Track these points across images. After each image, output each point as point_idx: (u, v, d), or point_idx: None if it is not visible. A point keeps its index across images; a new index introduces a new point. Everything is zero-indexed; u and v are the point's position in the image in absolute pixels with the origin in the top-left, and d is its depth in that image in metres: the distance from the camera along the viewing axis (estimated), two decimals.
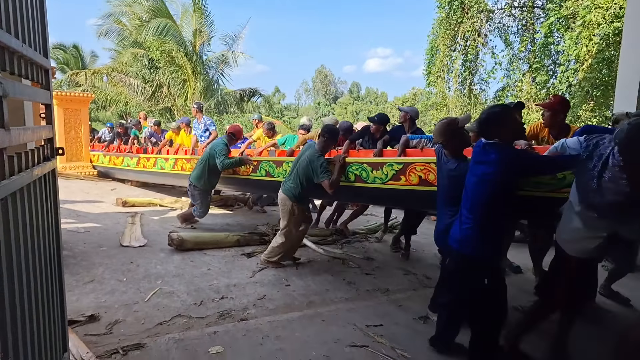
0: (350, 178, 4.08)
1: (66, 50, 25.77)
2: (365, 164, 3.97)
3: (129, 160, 8.64)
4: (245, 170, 5.47)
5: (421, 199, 3.72)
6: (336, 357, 2.75)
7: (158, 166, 7.58)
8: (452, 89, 17.11)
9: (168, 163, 7.33)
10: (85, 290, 3.64)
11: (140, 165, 8.18)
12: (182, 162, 6.98)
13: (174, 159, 7.21)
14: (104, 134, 11.64)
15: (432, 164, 3.49)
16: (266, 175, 5.19)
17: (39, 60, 1.58)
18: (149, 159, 7.95)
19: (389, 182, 3.81)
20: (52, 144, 1.84)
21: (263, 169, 5.22)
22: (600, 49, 11.00)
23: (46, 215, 1.75)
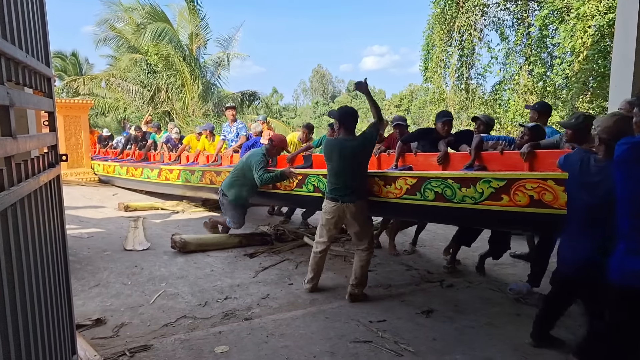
0: (428, 196, 3.43)
1: (64, 58, 25.84)
2: (451, 179, 3.31)
3: (149, 171, 8.01)
4: (288, 184, 4.74)
5: (532, 222, 3.14)
6: (340, 353, 2.79)
7: (182, 178, 6.96)
8: (450, 84, 17.13)
9: (194, 176, 6.70)
10: (91, 295, 3.68)
11: (162, 178, 7.58)
12: (211, 175, 6.31)
13: (200, 172, 6.57)
14: (119, 143, 11.38)
15: (549, 180, 2.85)
16: (314, 191, 4.43)
17: (42, 69, 1.62)
18: (171, 170, 7.33)
19: (484, 202, 3.18)
20: (56, 151, 1.88)
21: (311, 183, 4.48)
22: (595, 41, 11.04)
23: (52, 221, 1.80)
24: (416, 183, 3.51)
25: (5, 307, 1.12)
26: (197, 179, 6.56)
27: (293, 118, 52.82)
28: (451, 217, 3.66)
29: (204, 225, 5.71)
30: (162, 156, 9.24)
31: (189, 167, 6.97)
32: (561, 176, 2.78)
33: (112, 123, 21.00)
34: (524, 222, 3.22)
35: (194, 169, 6.72)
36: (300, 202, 5.51)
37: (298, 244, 5.33)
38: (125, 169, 8.85)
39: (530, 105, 4.91)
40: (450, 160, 4.10)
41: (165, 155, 9.11)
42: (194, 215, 7.17)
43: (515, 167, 3.49)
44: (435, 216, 3.91)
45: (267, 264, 4.59)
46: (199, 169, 6.62)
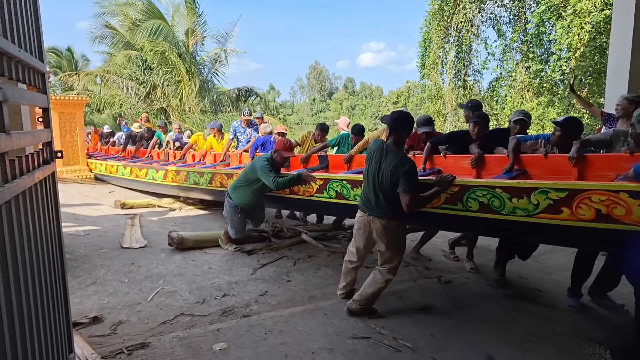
0: (471, 207, 3.02)
1: (59, 54, 25.71)
2: (500, 189, 2.90)
3: (154, 172, 7.38)
4: (307, 190, 4.32)
5: (597, 239, 2.75)
6: (339, 349, 2.78)
7: (190, 181, 6.33)
8: (447, 81, 17.17)
9: (203, 178, 6.08)
10: (87, 293, 3.66)
11: (169, 179, 6.97)
12: (222, 178, 5.71)
13: (210, 174, 5.94)
14: (120, 139, 11.24)
15: (622, 193, 2.46)
16: (337, 197, 4.05)
17: (36, 64, 1.59)
18: (178, 172, 6.68)
19: (539, 214, 2.81)
20: (51, 147, 1.86)
21: (333, 189, 4.06)
22: (592, 37, 11.07)
23: (48, 218, 1.78)
24: (457, 192, 3.06)
25: (0, 305, 1.10)
26: (206, 182, 5.99)
27: (290, 115, 52.78)
28: (498, 229, 3.24)
29: (222, 237, 5.06)
30: (167, 154, 8.94)
31: (197, 169, 6.38)
32: (637, 188, 2.42)
33: (107, 120, 20.92)
34: (586, 239, 2.86)
35: (202, 170, 6.11)
36: (321, 209, 5.09)
37: (296, 241, 5.32)
38: (129, 170, 8.27)
39: (463, 104, 5.12)
40: (485, 163, 3.78)
41: (170, 154, 8.81)
42: (191, 212, 7.15)
43: (560, 172, 3.26)
44: (479, 228, 3.45)
45: (265, 261, 4.58)
46: (208, 171, 5.98)
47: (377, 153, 3.18)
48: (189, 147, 8.14)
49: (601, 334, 3.13)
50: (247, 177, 4.61)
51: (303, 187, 4.32)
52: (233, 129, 7.49)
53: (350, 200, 3.95)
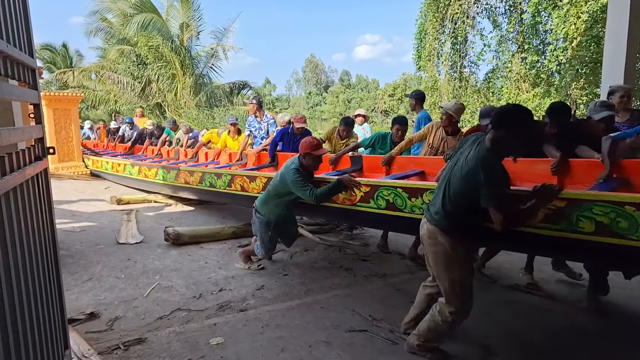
0: (583, 228, 2.33)
1: (53, 50, 25.52)
2: (629, 205, 2.18)
3: (165, 173, 6.58)
4: (348, 197, 3.55)
5: None
6: (336, 342, 2.79)
7: (206, 183, 5.49)
8: (443, 73, 17.14)
9: (221, 180, 5.23)
10: (84, 289, 3.66)
11: (181, 180, 6.13)
12: (243, 181, 4.83)
13: (229, 176, 5.08)
14: (125, 131, 10.66)
15: None
16: (388, 208, 3.28)
17: (25, 60, 1.57)
18: (192, 172, 5.85)
19: None
20: (42, 144, 1.84)
21: (382, 198, 3.30)
22: (588, 27, 11.05)
23: (40, 215, 1.76)
24: (563, 208, 2.36)
25: None
26: (224, 184, 5.15)
27: (286, 108, 52.65)
28: (622, 256, 2.44)
29: (238, 256, 4.36)
30: (177, 152, 8.39)
31: (213, 170, 5.57)
32: None
33: (103, 115, 20.82)
34: None
35: (220, 171, 5.32)
36: (365, 221, 4.33)
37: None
38: (137, 169, 7.49)
39: (409, 94, 5.69)
40: (569, 169, 3.13)
41: (180, 151, 8.29)
42: (187, 208, 7.13)
43: None
44: (593, 253, 2.57)
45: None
46: (227, 173, 5.17)
47: (460, 148, 2.54)
48: (201, 145, 7.61)
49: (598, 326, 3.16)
50: (278, 191, 3.85)
51: (343, 194, 3.58)
52: (248, 125, 6.74)
53: (406, 212, 3.13)
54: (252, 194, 4.68)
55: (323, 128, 29.77)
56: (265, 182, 4.45)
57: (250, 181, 4.77)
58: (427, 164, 4.12)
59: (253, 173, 4.86)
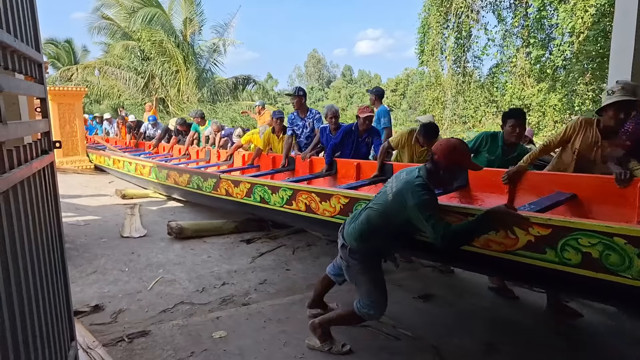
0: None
1: (57, 45, 25.57)
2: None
3: (200, 181, 5.28)
4: (505, 240, 2.24)
5: None
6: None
7: (256, 197, 4.29)
8: (446, 68, 17.07)
9: (277, 196, 4.00)
10: (88, 282, 3.69)
11: (221, 191, 4.85)
12: (311, 199, 3.60)
13: (290, 191, 3.85)
14: (148, 129, 10.10)
15: None
16: (583, 265, 1.99)
17: (32, 54, 1.59)
18: (237, 183, 4.58)
19: None
20: (49, 138, 1.86)
21: (572, 248, 2.01)
22: (596, 20, 10.90)
23: (47, 208, 1.78)
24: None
25: (1, 294, 1.12)
26: (281, 201, 3.95)
27: (288, 104, 52.54)
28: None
29: (312, 331, 2.77)
30: (208, 154, 7.51)
31: (266, 182, 4.23)
32: None
33: (106, 110, 20.85)
34: None
35: (278, 185, 4.02)
36: (534, 279, 2.57)
37: (295, 230, 5.33)
38: (165, 173, 6.25)
39: (370, 89, 5.85)
40: None
41: (212, 152, 7.41)
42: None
43: None
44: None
45: (264, 250, 4.60)
46: (286, 186, 3.91)
47: None
48: (237, 147, 6.70)
49: None
50: (388, 220, 2.39)
51: (497, 234, 2.26)
52: (290, 123, 5.62)
53: None
54: (321, 216, 3.49)
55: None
56: (345, 204, 3.22)
57: (321, 200, 3.49)
58: (580, 183, 2.87)
59: (330, 190, 3.45)
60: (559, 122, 13.53)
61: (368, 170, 4.52)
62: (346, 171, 4.79)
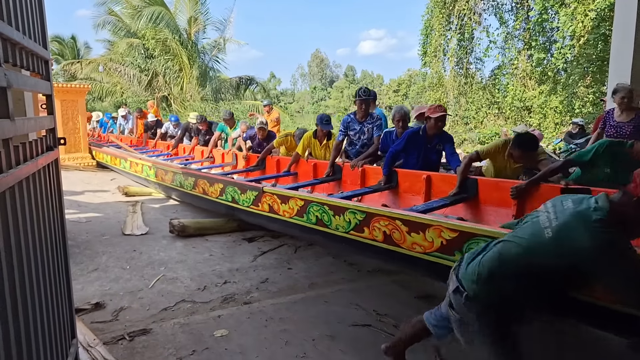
0: None
1: (62, 42, 25.61)
2: None
3: (235, 192, 4.51)
4: None
5: None
6: (340, 337, 2.81)
7: (311, 217, 3.53)
8: (448, 69, 17.10)
9: (342, 220, 3.24)
10: (89, 279, 3.69)
11: (263, 206, 4.10)
12: (389, 226, 2.89)
13: (360, 215, 3.10)
14: (169, 129, 9.56)
15: None
16: None
17: (39, 51, 1.59)
18: (285, 199, 3.80)
19: None
20: (54, 134, 1.86)
21: None
22: (596, 25, 10.99)
23: (51, 204, 1.78)
24: None
25: (4, 290, 1.12)
26: (347, 225, 3.20)
27: (291, 103, 52.61)
28: None
29: None
30: (234, 158, 6.87)
31: (331, 201, 3.38)
32: None
33: (109, 107, 20.89)
34: None
35: (345, 205, 3.23)
36: None
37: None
38: (192, 181, 5.38)
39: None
40: None
41: (237, 156, 6.79)
42: None
43: None
44: None
45: (266, 248, 4.60)
46: (356, 208, 3.16)
47: None
48: (269, 150, 6.09)
49: None
50: (538, 257, 1.68)
51: None
52: (343, 126, 4.90)
53: None
54: (411, 252, 2.75)
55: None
56: (452, 238, 2.49)
57: (410, 230, 2.73)
58: None
59: (416, 217, 2.72)
60: (559, 124, 13.56)
61: (441, 185, 3.82)
62: (410, 185, 4.10)
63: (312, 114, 48.09)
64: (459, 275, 1.86)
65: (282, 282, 3.76)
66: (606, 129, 4.53)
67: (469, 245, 2.39)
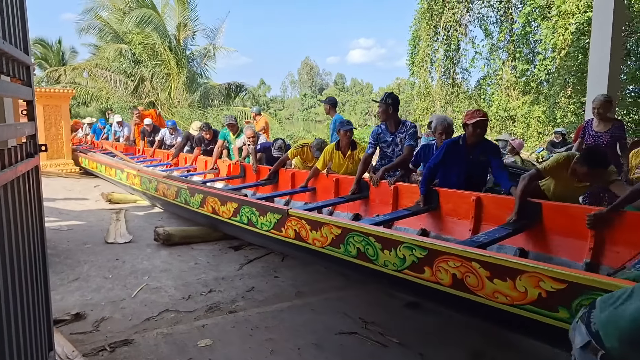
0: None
1: (46, 46, 25.30)
2: None
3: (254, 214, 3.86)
4: None
5: None
6: (326, 345, 2.79)
7: (350, 248, 2.94)
8: (435, 79, 17.36)
9: (394, 256, 2.67)
10: (70, 289, 3.61)
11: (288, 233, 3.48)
12: (465, 269, 2.31)
13: (417, 251, 2.52)
14: (165, 136, 9.02)
15: None
16: None
17: (20, 56, 1.56)
18: (317, 226, 3.19)
19: None
20: (34, 141, 1.82)
21: None
22: (576, 38, 11.32)
23: (30, 212, 1.74)
24: None
25: None
26: (401, 263, 2.63)
27: (280, 110, 52.72)
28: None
29: None
30: (243, 170, 6.31)
31: (378, 231, 2.76)
32: None
33: (94, 113, 20.64)
34: None
35: (398, 237, 2.66)
36: None
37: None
38: (200, 198, 4.70)
39: (324, 100, 5.94)
40: None
41: (247, 168, 6.24)
42: None
43: None
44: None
45: (253, 257, 4.56)
46: (414, 243, 2.55)
47: None
48: (282, 162, 5.56)
49: None
50: None
51: None
52: (374, 137, 4.34)
53: None
54: (490, 300, 2.23)
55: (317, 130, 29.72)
56: (557, 291, 1.98)
57: (493, 276, 2.19)
58: None
59: (501, 259, 2.17)
60: (542, 133, 13.83)
61: (493, 209, 3.24)
62: (454, 207, 3.54)
63: (301, 121, 48.26)
64: (591, 321, 1.31)
65: (268, 290, 3.73)
66: (585, 138, 4.65)
67: (580, 301, 1.88)
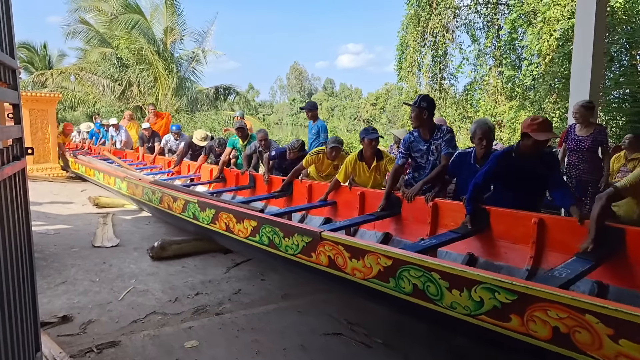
0: None
1: (31, 49, 25.02)
2: None
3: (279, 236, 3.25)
4: None
5: None
6: (311, 346, 2.83)
7: (402, 283, 2.37)
8: (423, 84, 17.50)
9: (463, 297, 2.10)
10: (57, 292, 3.61)
11: (321, 259, 2.91)
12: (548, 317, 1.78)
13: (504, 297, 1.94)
14: (169, 142, 8.54)
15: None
16: None
17: (6, 60, 1.59)
18: (360, 254, 2.60)
19: None
20: (21, 144, 1.85)
21: None
22: (560, 44, 11.50)
23: (16, 215, 1.76)
24: None
25: None
26: (472, 306, 2.06)
27: (269, 115, 52.69)
28: None
29: None
30: (253, 179, 5.76)
31: (441, 265, 2.17)
32: None
33: (81, 117, 20.48)
34: None
35: (453, 271, 2.12)
36: None
37: None
38: (212, 213, 4.08)
39: (302, 106, 5.96)
40: None
41: (258, 178, 5.70)
42: None
43: None
44: None
45: (240, 260, 4.58)
46: (487, 281, 1.98)
47: None
48: (297, 172, 4.99)
49: None
50: None
51: None
52: (404, 146, 3.89)
53: None
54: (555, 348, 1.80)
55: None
56: None
57: (578, 326, 1.71)
58: None
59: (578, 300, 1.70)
60: None
61: (557, 234, 2.82)
62: (507, 229, 3.08)
63: (290, 125, 48.32)
64: None
65: (255, 293, 3.75)
66: (567, 142, 4.76)
67: None
